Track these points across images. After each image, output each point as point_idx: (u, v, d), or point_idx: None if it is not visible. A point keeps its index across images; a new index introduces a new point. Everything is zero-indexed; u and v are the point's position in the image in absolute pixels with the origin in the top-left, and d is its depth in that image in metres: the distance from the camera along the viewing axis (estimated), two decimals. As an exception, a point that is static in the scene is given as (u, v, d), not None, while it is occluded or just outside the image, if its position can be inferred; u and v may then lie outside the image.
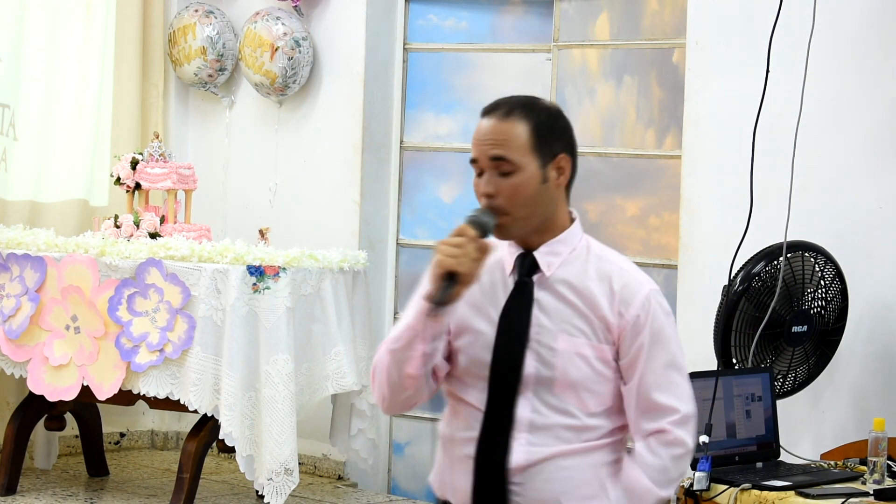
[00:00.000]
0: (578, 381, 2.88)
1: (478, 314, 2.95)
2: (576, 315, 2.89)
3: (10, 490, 6.50)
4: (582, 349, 2.88)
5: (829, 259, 5.29)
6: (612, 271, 2.93)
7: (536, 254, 2.94)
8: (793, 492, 4.52)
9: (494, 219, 2.90)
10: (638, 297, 2.90)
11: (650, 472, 2.90)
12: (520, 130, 2.88)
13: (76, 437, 7.17)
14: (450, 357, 2.99)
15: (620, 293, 2.90)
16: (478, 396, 2.94)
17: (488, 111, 2.93)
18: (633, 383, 2.91)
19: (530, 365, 2.90)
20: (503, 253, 2.99)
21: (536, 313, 2.91)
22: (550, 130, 2.92)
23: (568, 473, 2.89)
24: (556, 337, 2.89)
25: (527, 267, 2.94)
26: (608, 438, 2.94)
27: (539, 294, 2.91)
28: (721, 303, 5.14)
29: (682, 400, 2.93)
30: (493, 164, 2.89)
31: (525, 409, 2.89)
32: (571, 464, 2.89)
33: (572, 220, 3.02)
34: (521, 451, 2.88)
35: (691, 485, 4.62)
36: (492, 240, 2.92)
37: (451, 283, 2.83)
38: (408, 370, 2.92)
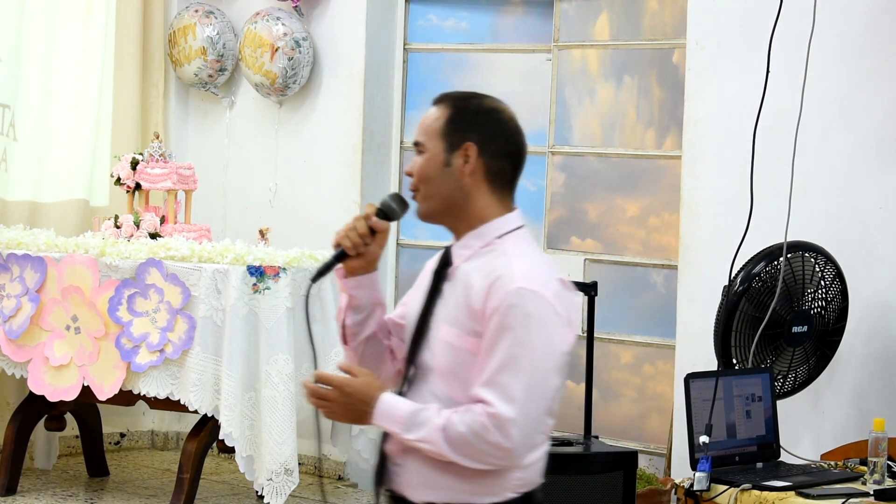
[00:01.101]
0: (448, 369, 2.95)
1: (412, 300, 3.12)
2: (458, 306, 2.96)
3: (11, 490, 6.50)
4: (452, 339, 2.95)
5: (829, 259, 5.29)
6: (499, 266, 2.92)
7: (453, 246, 3.05)
8: (793, 492, 4.52)
9: (405, 205, 3.07)
10: (503, 290, 2.87)
11: (450, 428, 2.87)
12: (437, 116, 3.02)
13: (76, 437, 7.17)
14: None
15: (492, 286, 2.90)
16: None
17: (433, 101, 3.09)
18: (475, 373, 2.91)
19: (423, 353, 3.01)
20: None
21: (438, 304, 3.01)
22: (467, 120, 3.00)
23: (442, 462, 2.92)
24: (439, 326, 2.98)
25: (443, 258, 3.06)
26: None
27: (445, 285, 3.02)
28: (721, 303, 5.14)
29: (504, 401, 2.84)
30: (414, 147, 3.07)
31: (416, 395, 2.99)
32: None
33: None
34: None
35: (692, 485, 4.62)
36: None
37: (338, 255, 3.06)
38: (341, 340, 3.15)
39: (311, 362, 6.18)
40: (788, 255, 5.12)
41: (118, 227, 6.52)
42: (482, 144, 2.98)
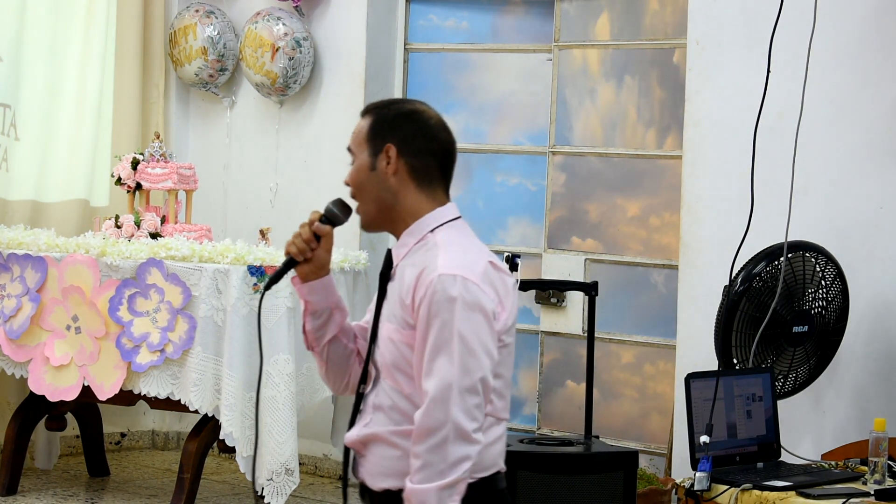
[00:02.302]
0: (391, 363, 3.06)
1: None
2: (395, 302, 3.06)
3: (11, 490, 6.50)
4: (392, 334, 3.05)
5: (829, 259, 5.29)
6: (429, 259, 3.02)
7: (393, 247, 3.14)
8: (794, 492, 4.51)
9: (348, 209, 3.16)
10: (426, 279, 2.97)
11: (415, 477, 2.94)
12: (363, 125, 3.14)
13: (77, 437, 7.18)
14: None
15: (418, 278, 3.00)
16: None
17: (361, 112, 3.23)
18: (415, 366, 3.01)
19: (374, 352, 3.12)
20: None
21: (384, 304, 3.12)
22: (387, 125, 3.10)
23: (393, 453, 3.04)
24: (384, 325, 3.09)
25: (386, 260, 3.15)
26: None
27: (389, 286, 3.12)
28: (722, 303, 5.14)
29: (436, 384, 2.93)
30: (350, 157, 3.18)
31: (372, 392, 3.11)
32: (397, 447, 3.04)
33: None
34: (356, 427, 3.12)
35: (692, 485, 4.62)
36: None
37: (286, 263, 3.16)
38: (305, 344, 3.25)
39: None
40: (789, 255, 5.12)
41: (119, 227, 6.52)
42: (402, 144, 3.08)
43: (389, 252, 3.14)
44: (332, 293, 3.21)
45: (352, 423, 3.15)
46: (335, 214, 3.16)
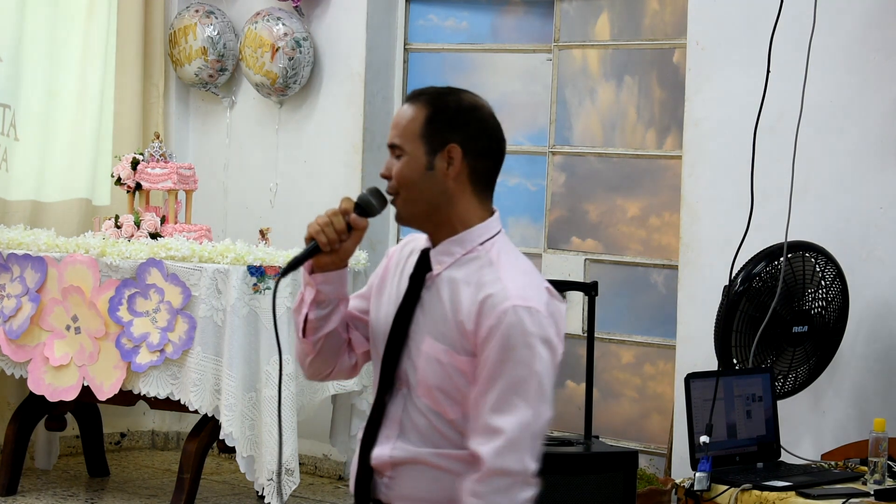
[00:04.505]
0: (435, 386, 2.83)
1: (378, 297, 2.99)
2: (443, 320, 2.83)
3: (11, 490, 6.50)
4: (440, 355, 2.82)
5: (829, 259, 5.29)
6: (489, 280, 2.79)
7: (432, 252, 2.90)
8: (793, 492, 4.51)
9: (384, 201, 2.92)
10: (498, 309, 2.75)
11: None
12: (415, 117, 2.85)
13: (77, 437, 7.18)
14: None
15: (483, 303, 2.77)
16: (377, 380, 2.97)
17: (406, 98, 2.93)
18: (473, 396, 2.80)
19: (404, 363, 2.88)
20: (420, 245, 2.97)
21: (417, 312, 2.87)
22: (447, 120, 2.84)
23: (434, 476, 2.85)
24: (423, 338, 2.85)
25: (421, 263, 2.91)
26: None
27: (424, 293, 2.87)
28: (721, 303, 5.14)
29: (513, 425, 2.74)
30: (390, 149, 2.91)
31: (398, 406, 2.88)
32: (439, 469, 2.85)
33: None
34: (386, 446, 2.88)
35: (692, 485, 4.62)
36: (419, 234, 2.95)
37: (311, 250, 2.91)
38: (298, 333, 3.01)
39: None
40: (789, 255, 5.12)
41: (118, 227, 6.52)
42: (466, 145, 2.83)
43: (426, 255, 2.90)
44: (344, 285, 2.98)
45: (370, 434, 2.91)
46: (372, 206, 2.93)
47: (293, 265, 2.92)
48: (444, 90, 2.91)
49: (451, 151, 2.83)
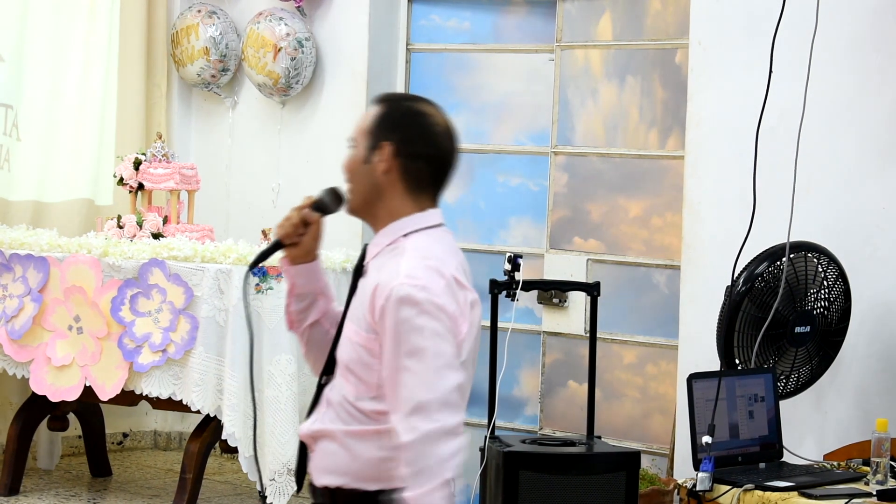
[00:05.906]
0: (346, 365, 3.04)
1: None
2: (360, 303, 3.04)
3: (13, 490, 6.50)
4: (353, 335, 3.03)
5: (832, 260, 5.28)
6: (390, 266, 2.98)
7: (369, 243, 3.14)
8: (796, 492, 4.52)
9: (340, 200, 3.17)
10: (387, 288, 2.93)
11: (405, 481, 2.89)
12: (369, 115, 3.10)
13: (79, 437, 7.18)
14: None
15: (377, 285, 2.97)
16: None
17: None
18: (383, 374, 2.97)
19: (338, 349, 3.11)
20: None
21: (352, 300, 3.10)
22: (391, 121, 3.06)
23: (348, 451, 3.03)
24: (347, 323, 3.08)
25: (361, 255, 3.15)
26: (385, 425, 2.99)
27: (360, 281, 3.10)
28: (724, 303, 5.13)
29: (414, 391, 2.89)
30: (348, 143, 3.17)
31: (330, 386, 3.11)
32: (353, 443, 3.02)
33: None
34: (309, 421, 3.12)
35: (694, 485, 4.62)
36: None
37: (274, 244, 3.21)
38: (287, 325, 3.28)
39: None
40: (791, 256, 5.12)
41: (121, 228, 6.52)
42: (400, 145, 3.04)
43: (365, 248, 3.13)
44: (318, 279, 3.24)
45: (309, 413, 3.15)
46: (325, 204, 3.18)
47: (259, 258, 3.23)
48: (406, 97, 3.22)
49: (384, 148, 3.05)
